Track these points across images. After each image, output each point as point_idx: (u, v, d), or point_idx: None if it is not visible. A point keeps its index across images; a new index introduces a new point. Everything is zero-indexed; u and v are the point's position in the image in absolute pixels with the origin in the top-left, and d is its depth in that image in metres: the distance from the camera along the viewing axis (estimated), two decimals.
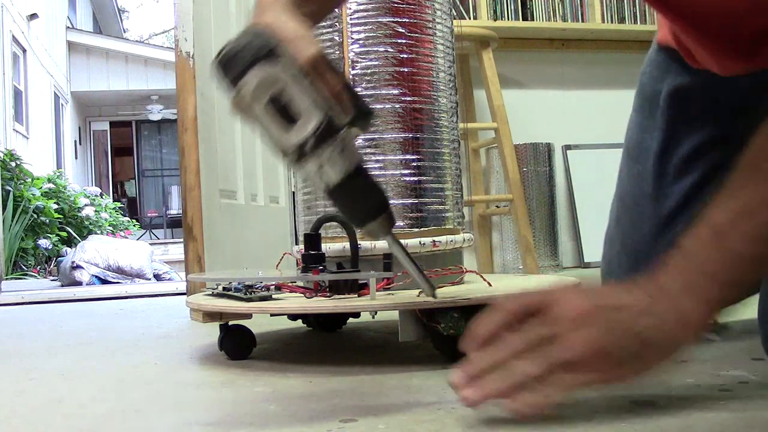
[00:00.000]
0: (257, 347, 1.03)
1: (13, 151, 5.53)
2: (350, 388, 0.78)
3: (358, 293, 0.93)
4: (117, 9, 14.33)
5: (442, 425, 0.61)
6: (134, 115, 11.84)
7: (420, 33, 1.02)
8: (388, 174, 1.00)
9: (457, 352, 0.88)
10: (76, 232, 5.82)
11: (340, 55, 1.01)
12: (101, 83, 10.63)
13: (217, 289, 1.08)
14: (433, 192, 1.03)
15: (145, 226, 11.15)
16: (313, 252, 0.96)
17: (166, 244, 8.43)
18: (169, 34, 16.82)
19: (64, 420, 0.70)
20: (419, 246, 0.99)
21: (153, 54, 10.86)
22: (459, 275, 1.04)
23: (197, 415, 0.71)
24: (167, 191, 11.94)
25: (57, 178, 6.31)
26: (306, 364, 0.97)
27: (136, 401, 0.77)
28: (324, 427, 0.62)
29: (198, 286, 1.46)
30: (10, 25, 7.38)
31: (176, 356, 1.09)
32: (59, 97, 9.72)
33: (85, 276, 4.05)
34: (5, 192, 4.80)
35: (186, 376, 0.92)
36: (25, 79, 8.03)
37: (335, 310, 0.89)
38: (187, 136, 1.54)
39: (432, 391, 0.74)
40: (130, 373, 0.96)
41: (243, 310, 0.94)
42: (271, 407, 0.71)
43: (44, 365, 1.07)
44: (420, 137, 1.02)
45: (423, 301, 0.86)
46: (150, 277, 4.33)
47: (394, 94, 1.00)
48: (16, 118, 7.40)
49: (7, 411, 0.76)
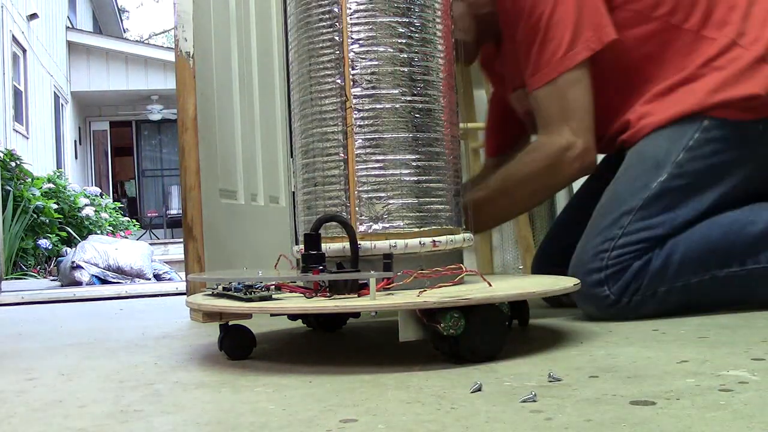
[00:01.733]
0: (257, 347, 1.03)
1: (13, 151, 5.54)
2: (350, 388, 0.78)
3: (358, 293, 0.93)
4: (117, 9, 14.33)
5: (442, 425, 0.61)
6: (134, 115, 11.85)
7: (420, 33, 1.02)
8: (388, 174, 1.00)
9: (457, 352, 0.89)
10: (76, 232, 5.82)
11: (340, 55, 1.01)
12: (101, 83, 10.64)
13: (217, 289, 1.08)
14: (433, 192, 1.03)
15: (145, 226, 11.16)
16: (313, 252, 0.96)
17: (166, 244, 8.44)
18: (169, 34, 16.83)
19: (64, 420, 0.70)
20: (419, 246, 0.99)
21: (153, 54, 10.86)
22: (459, 274, 1.04)
23: (197, 415, 0.71)
24: (167, 191, 11.94)
25: (57, 178, 6.31)
26: (306, 364, 0.97)
27: (136, 401, 0.77)
28: (324, 427, 0.62)
29: (198, 286, 1.45)
30: (10, 25, 7.39)
31: (176, 356, 1.09)
32: (59, 97, 9.72)
33: (85, 276, 4.05)
34: (5, 192, 4.80)
35: (186, 376, 0.92)
36: (25, 79, 8.03)
37: (335, 310, 0.89)
38: (187, 136, 1.54)
39: (432, 391, 0.74)
40: (130, 373, 0.96)
41: (243, 310, 0.94)
42: (271, 407, 0.71)
43: (44, 365, 1.07)
44: (420, 137, 1.02)
45: (423, 301, 0.86)
46: (150, 277, 4.33)
47: (394, 94, 1.00)
48: (16, 118, 7.40)
49: (7, 411, 0.76)
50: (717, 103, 1.25)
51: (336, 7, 1.01)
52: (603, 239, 1.23)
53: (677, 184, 1.24)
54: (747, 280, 1.21)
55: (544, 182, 1.34)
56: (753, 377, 0.73)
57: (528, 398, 0.68)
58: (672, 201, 1.23)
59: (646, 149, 1.28)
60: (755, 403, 0.63)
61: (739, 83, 1.25)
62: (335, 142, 1.01)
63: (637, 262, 1.21)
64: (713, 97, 1.25)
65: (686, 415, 0.60)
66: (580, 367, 0.82)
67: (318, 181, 1.04)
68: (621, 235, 1.22)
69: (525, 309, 1.15)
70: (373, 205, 1.00)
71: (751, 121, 1.25)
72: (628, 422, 0.58)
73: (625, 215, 1.23)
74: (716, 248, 1.21)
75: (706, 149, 1.24)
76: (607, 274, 1.21)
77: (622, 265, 1.21)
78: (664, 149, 1.26)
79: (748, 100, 1.24)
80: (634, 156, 1.30)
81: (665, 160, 1.25)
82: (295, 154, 1.10)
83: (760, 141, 1.27)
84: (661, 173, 1.24)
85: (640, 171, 1.27)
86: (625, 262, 1.21)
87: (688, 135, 1.25)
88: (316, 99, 1.03)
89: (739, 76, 1.25)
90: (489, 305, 0.89)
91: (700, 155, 1.24)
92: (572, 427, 0.58)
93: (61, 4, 10.20)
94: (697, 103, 1.26)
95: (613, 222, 1.24)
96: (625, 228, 1.22)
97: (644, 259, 1.21)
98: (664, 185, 1.24)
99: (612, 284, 1.21)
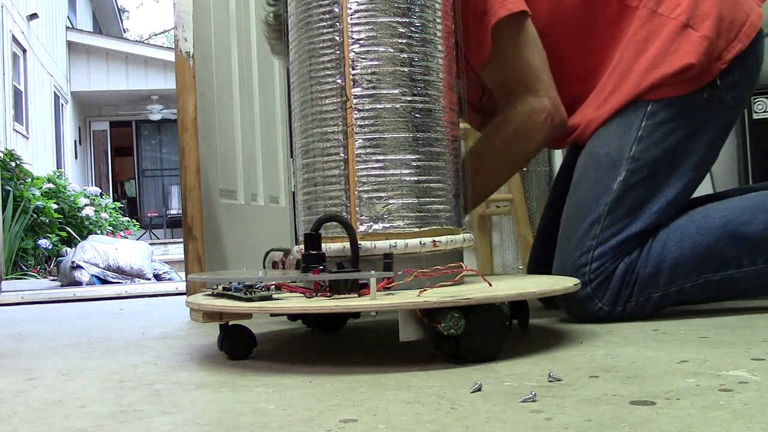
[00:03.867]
0: (257, 347, 1.03)
1: (13, 151, 5.54)
2: (350, 388, 0.78)
3: (358, 293, 0.93)
4: (117, 9, 14.33)
5: (442, 425, 0.61)
6: (134, 115, 11.85)
7: (420, 33, 1.02)
8: (388, 174, 1.00)
9: (457, 352, 0.89)
10: (76, 232, 5.82)
11: (340, 55, 1.01)
12: (101, 83, 10.64)
13: (217, 289, 1.08)
14: (433, 192, 1.03)
15: (145, 226, 11.16)
16: (313, 252, 0.96)
17: (166, 244, 8.44)
18: (169, 34, 16.83)
19: (64, 420, 0.70)
20: (419, 246, 0.99)
21: (153, 54, 10.87)
22: (459, 274, 1.04)
23: (197, 415, 0.71)
24: (167, 191, 11.94)
25: (57, 178, 6.31)
26: (306, 364, 0.97)
27: (136, 401, 0.77)
28: (324, 427, 0.62)
29: (198, 286, 1.46)
30: (10, 25, 7.39)
31: (176, 356, 1.09)
32: (59, 97, 9.72)
33: (85, 276, 4.05)
34: (5, 192, 4.80)
35: (186, 376, 0.92)
36: (25, 79, 8.03)
37: (335, 310, 0.89)
38: (187, 136, 1.54)
39: (432, 391, 0.74)
40: (130, 373, 0.96)
41: (243, 310, 0.94)
42: (271, 407, 0.71)
43: (44, 365, 1.07)
44: (420, 137, 1.02)
45: (423, 301, 0.86)
46: (150, 277, 4.33)
47: (394, 94, 1.01)
48: (16, 118, 7.40)
49: (7, 411, 0.76)
50: (653, 84, 1.21)
51: (336, 7, 1.01)
52: (579, 253, 1.21)
53: (638, 178, 1.21)
54: (743, 282, 1.19)
55: (519, 150, 1.29)
56: (753, 377, 0.73)
57: (528, 398, 0.68)
58: (638, 197, 1.21)
59: (598, 149, 1.26)
60: (755, 403, 0.63)
61: (669, 56, 1.21)
62: (335, 142, 1.01)
63: (621, 265, 1.19)
64: (647, 78, 1.22)
65: (686, 415, 0.60)
66: (580, 367, 0.82)
67: (318, 181, 1.04)
68: (596, 246, 1.20)
69: (525, 309, 1.15)
70: (374, 205, 1.00)
71: (693, 92, 1.22)
72: (628, 422, 0.58)
73: (594, 224, 1.21)
74: (709, 254, 1.18)
75: (657, 134, 1.22)
76: (592, 288, 1.19)
77: (605, 275, 1.19)
78: (615, 146, 1.23)
79: (682, 73, 1.20)
80: (587, 159, 1.27)
81: (619, 156, 1.22)
82: (295, 154, 1.10)
83: (707, 108, 1.23)
84: (619, 172, 1.21)
85: (598, 174, 1.24)
86: (608, 271, 1.19)
87: (636, 125, 1.22)
88: (316, 99, 1.03)
89: (668, 49, 1.22)
90: (489, 305, 0.89)
91: (653, 143, 1.21)
92: (572, 427, 0.58)
93: (61, 4, 10.20)
94: (633, 88, 1.23)
95: (584, 234, 1.21)
96: (598, 237, 1.20)
97: (627, 262, 1.19)
98: (625, 184, 1.21)
99: (601, 296, 1.19)
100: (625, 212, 1.21)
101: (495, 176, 1.35)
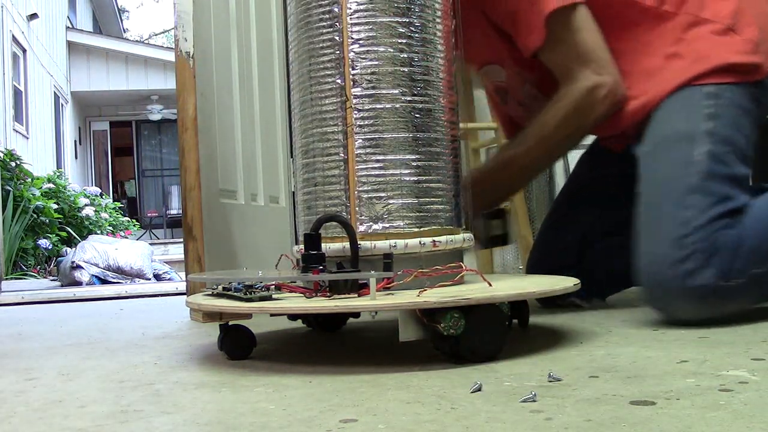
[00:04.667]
0: (257, 347, 1.03)
1: (13, 151, 5.53)
2: (350, 388, 0.78)
3: (358, 293, 0.93)
4: (117, 9, 14.33)
5: (442, 425, 0.61)
6: (134, 115, 11.84)
7: (420, 33, 1.02)
8: (388, 174, 1.00)
9: (457, 352, 0.89)
10: (76, 232, 5.82)
11: (340, 55, 1.01)
12: (101, 83, 10.63)
13: (217, 289, 1.08)
14: (433, 192, 1.03)
15: (145, 226, 11.16)
16: (313, 252, 0.96)
17: (166, 244, 8.44)
18: (169, 34, 16.83)
19: (64, 420, 0.70)
20: (419, 246, 0.99)
21: (153, 54, 10.86)
22: (458, 274, 1.04)
23: (197, 415, 0.71)
24: (167, 191, 11.94)
25: (57, 178, 6.31)
26: (306, 364, 0.97)
27: (136, 401, 0.77)
28: (324, 427, 0.62)
29: (198, 286, 1.45)
30: (10, 25, 7.39)
31: (176, 356, 1.09)
32: (59, 97, 9.72)
33: (85, 276, 4.05)
34: (5, 192, 4.79)
35: (186, 376, 0.92)
36: (25, 79, 8.03)
37: (335, 310, 0.89)
38: (187, 136, 1.54)
39: (432, 391, 0.74)
40: (130, 373, 0.96)
41: (243, 310, 0.94)
42: (271, 407, 0.71)
43: (44, 365, 1.07)
44: (420, 137, 1.02)
45: (423, 301, 0.86)
46: (150, 277, 4.33)
47: (394, 94, 1.00)
48: (16, 118, 7.40)
49: (7, 411, 0.76)
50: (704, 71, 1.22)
51: (336, 7, 1.01)
52: (675, 225, 1.10)
53: (722, 150, 1.16)
54: None
55: (575, 124, 1.29)
56: (753, 377, 0.73)
57: (528, 398, 0.68)
58: (728, 169, 1.15)
59: (662, 130, 1.23)
60: (755, 403, 0.63)
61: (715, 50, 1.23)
62: (335, 142, 1.01)
63: (731, 233, 1.09)
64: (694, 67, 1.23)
65: (686, 415, 0.60)
66: (580, 367, 0.82)
67: (318, 181, 1.04)
68: (696, 216, 1.10)
69: (525, 309, 1.15)
70: (373, 205, 1.00)
71: (745, 83, 1.23)
72: (628, 422, 0.58)
73: (688, 194, 1.13)
74: None
75: (727, 114, 1.20)
76: (699, 260, 1.07)
77: (713, 243, 1.08)
78: (683, 123, 1.21)
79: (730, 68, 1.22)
80: (651, 141, 1.23)
81: (693, 130, 1.18)
82: (295, 154, 1.10)
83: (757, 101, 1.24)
84: (698, 144, 1.17)
85: (674, 149, 1.19)
86: (716, 238, 1.08)
87: (702, 104, 1.21)
88: (316, 99, 1.03)
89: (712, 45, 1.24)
90: (489, 305, 0.89)
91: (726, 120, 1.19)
92: (572, 427, 0.58)
93: (61, 4, 10.20)
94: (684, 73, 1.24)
95: (676, 206, 1.12)
96: (697, 205, 1.11)
97: (736, 231, 1.10)
98: (711, 156, 1.15)
99: (709, 267, 1.07)
100: (720, 182, 1.14)
101: (549, 151, 1.36)
